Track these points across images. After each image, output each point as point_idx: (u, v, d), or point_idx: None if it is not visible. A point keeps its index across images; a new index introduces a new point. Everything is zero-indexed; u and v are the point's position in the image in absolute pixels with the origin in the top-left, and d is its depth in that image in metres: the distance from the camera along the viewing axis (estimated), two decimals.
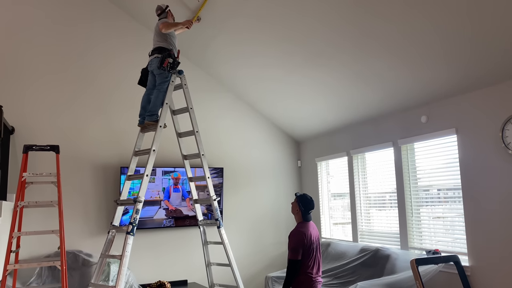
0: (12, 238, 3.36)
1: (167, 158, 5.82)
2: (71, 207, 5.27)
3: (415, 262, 3.68)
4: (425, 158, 4.58)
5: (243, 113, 6.48)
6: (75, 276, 4.91)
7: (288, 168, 6.74)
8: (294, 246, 3.53)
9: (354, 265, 4.81)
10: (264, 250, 6.29)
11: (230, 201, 6.18)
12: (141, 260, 5.54)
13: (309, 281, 3.51)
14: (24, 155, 3.69)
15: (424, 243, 4.53)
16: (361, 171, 5.56)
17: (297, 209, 3.71)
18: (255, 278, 6.06)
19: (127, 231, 3.91)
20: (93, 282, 4.00)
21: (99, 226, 5.37)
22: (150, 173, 4.13)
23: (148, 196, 5.59)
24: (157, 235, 5.70)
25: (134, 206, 3.99)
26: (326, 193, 6.32)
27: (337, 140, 5.97)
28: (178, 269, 5.73)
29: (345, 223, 5.92)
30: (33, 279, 4.77)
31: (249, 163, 6.44)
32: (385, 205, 5.17)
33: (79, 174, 5.39)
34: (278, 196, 6.54)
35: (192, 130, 4.87)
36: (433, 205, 4.51)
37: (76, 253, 5.12)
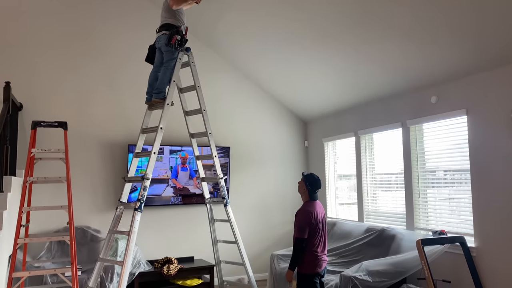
0: (21, 213, 3.41)
1: (175, 136, 5.83)
2: (79, 184, 5.32)
3: (421, 242, 3.69)
4: (433, 139, 4.54)
5: (251, 92, 6.44)
6: (84, 251, 5.00)
7: (295, 148, 6.73)
8: (301, 224, 3.55)
9: (360, 244, 4.84)
10: (270, 228, 6.34)
11: (237, 180, 6.21)
12: (149, 236, 5.62)
13: (315, 259, 3.55)
14: (32, 131, 3.70)
15: (430, 224, 4.53)
16: (369, 151, 5.53)
17: (304, 188, 3.72)
18: (261, 255, 6.13)
19: (135, 208, 3.94)
20: (101, 257, 4.07)
21: (107, 202, 5.42)
22: (157, 151, 4.14)
23: (156, 174, 5.62)
24: (164, 212, 5.76)
25: (141, 183, 4.02)
26: (333, 174, 6.32)
27: (344, 121, 5.93)
28: (185, 246, 5.80)
29: (351, 204, 5.94)
30: (43, 253, 4.86)
31: (256, 142, 6.43)
32: (392, 186, 5.16)
33: (87, 151, 5.42)
34: (284, 175, 6.55)
35: (200, 109, 4.85)
36: (440, 186, 4.50)
37: (85, 229, 5.20)
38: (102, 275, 4.70)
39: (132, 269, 4.91)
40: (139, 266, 5.00)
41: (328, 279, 4.29)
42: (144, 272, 5.01)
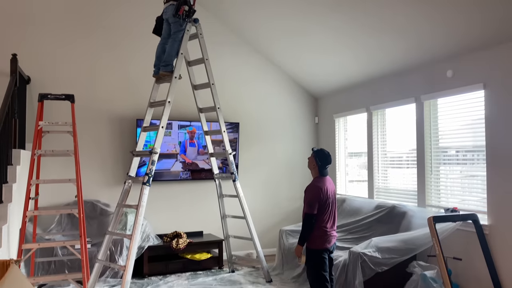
0: (30, 185, 3.41)
1: (183, 111, 5.76)
2: (88, 158, 5.32)
3: (433, 219, 3.63)
4: (448, 114, 4.40)
5: (261, 67, 6.31)
6: (93, 225, 5.03)
7: (305, 124, 6.64)
8: (310, 200, 3.50)
9: (369, 221, 4.79)
10: (279, 204, 6.32)
11: (246, 156, 6.16)
12: (158, 211, 5.63)
13: (324, 235, 3.51)
14: (39, 103, 3.67)
15: (442, 201, 4.45)
16: (380, 128, 5.42)
17: (314, 164, 3.65)
18: (270, 231, 6.14)
19: (143, 182, 3.94)
20: (110, 230, 4.09)
21: (116, 177, 5.43)
22: (165, 125, 4.10)
23: (165, 149, 5.59)
24: (173, 187, 5.76)
25: (149, 158, 4.00)
26: (343, 150, 6.23)
27: (356, 96, 5.80)
28: (194, 221, 5.82)
29: (361, 181, 5.86)
30: (53, 226, 4.91)
31: (265, 118, 6.35)
32: (403, 163, 5.07)
33: (96, 126, 5.40)
34: (294, 152, 6.48)
35: (208, 83, 4.78)
36: (452, 164, 4.40)
37: (94, 203, 5.22)
38: (112, 248, 4.74)
39: (142, 243, 4.94)
40: (148, 240, 5.03)
41: (337, 255, 4.27)
42: (154, 246, 5.04)
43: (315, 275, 3.51)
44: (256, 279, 4.90)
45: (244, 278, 4.95)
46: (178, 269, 5.16)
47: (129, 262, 3.65)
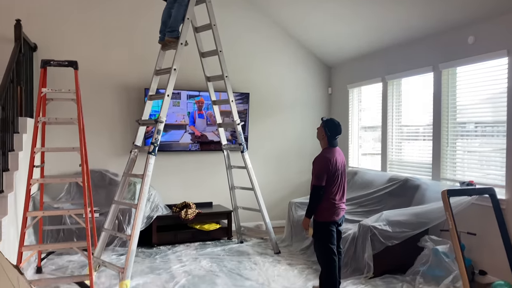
0: (34, 153, 3.36)
1: (192, 81, 5.62)
2: (97, 127, 5.28)
3: (447, 192, 3.48)
4: (468, 85, 4.17)
5: (272, 34, 6.09)
6: (102, 194, 5.03)
7: (317, 95, 6.44)
8: (318, 172, 3.38)
9: (381, 194, 4.66)
10: (288, 177, 6.22)
11: (256, 127, 6.03)
12: (167, 181, 5.60)
13: (332, 208, 3.40)
14: (42, 70, 3.58)
15: (457, 175, 4.28)
16: (396, 99, 5.20)
17: (323, 134, 3.51)
18: (279, 203, 6.07)
19: (148, 151, 3.86)
20: (116, 200, 4.06)
21: (124, 146, 5.38)
22: (171, 93, 3.98)
23: (173, 120, 5.50)
24: (183, 158, 5.70)
25: (155, 127, 3.91)
26: (356, 122, 6.04)
27: (371, 65, 5.56)
28: (203, 192, 5.78)
29: (375, 154, 5.70)
30: (62, 195, 4.92)
31: (276, 88, 6.17)
32: (418, 136, 4.88)
33: (104, 95, 5.32)
34: (305, 124, 6.32)
35: (216, 50, 4.62)
36: (470, 137, 4.20)
37: (103, 172, 5.21)
38: (120, 217, 4.74)
39: (150, 213, 4.93)
40: (157, 210, 5.01)
41: (346, 228, 4.18)
42: (162, 216, 5.03)
43: (322, 247, 3.42)
44: (264, 250, 4.86)
45: (252, 249, 4.92)
46: (186, 239, 5.16)
47: (134, 231, 3.62)
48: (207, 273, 4.10)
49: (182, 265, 4.33)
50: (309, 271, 4.14)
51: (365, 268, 3.89)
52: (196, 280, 3.90)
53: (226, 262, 4.42)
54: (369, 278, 3.85)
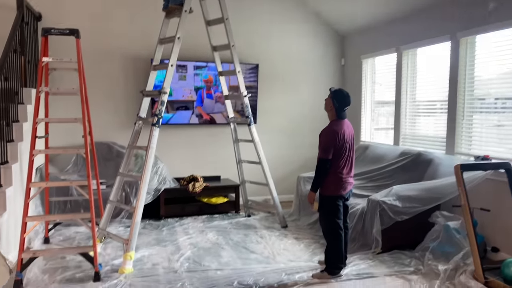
0: (36, 124, 3.31)
1: (198, 52, 5.46)
2: (103, 99, 5.22)
3: (460, 167, 3.33)
4: (487, 56, 3.93)
5: (282, 1, 5.85)
6: (109, 166, 5.01)
7: (330, 66, 6.23)
8: (325, 145, 3.27)
9: (392, 168, 4.52)
10: (298, 151, 6.10)
11: (265, 100, 5.89)
12: (175, 155, 5.55)
13: (339, 182, 3.30)
14: (43, 38, 3.49)
15: (472, 149, 4.11)
16: (410, 70, 4.98)
17: (331, 106, 3.37)
18: (287, 178, 5.97)
19: (152, 123, 3.79)
20: (121, 172, 4.02)
21: (132, 119, 5.29)
22: (175, 63, 3.87)
23: (180, 95, 5.39)
24: (190, 131, 5.62)
25: (159, 98, 3.82)
26: (370, 95, 5.84)
27: (386, 34, 5.32)
28: (211, 165, 5.72)
29: (388, 128, 5.52)
30: (70, 167, 4.92)
31: (286, 60, 5.98)
32: (433, 109, 4.68)
33: (110, 66, 5.24)
34: (316, 97, 6.13)
35: (222, 17, 4.46)
36: (490, 112, 4.00)
37: (111, 145, 5.18)
38: (127, 189, 4.73)
39: (158, 186, 4.91)
40: (164, 182, 4.99)
41: (354, 203, 4.08)
42: (170, 189, 5.01)
43: (328, 222, 3.35)
44: (271, 224, 4.81)
45: (259, 222, 4.87)
46: (194, 212, 5.14)
47: (138, 203, 3.59)
48: (213, 245, 4.08)
49: (188, 237, 4.32)
50: (316, 245, 4.08)
51: (373, 243, 3.80)
52: (201, 252, 3.88)
53: (233, 235, 4.39)
54: (377, 253, 3.77)
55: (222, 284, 3.18)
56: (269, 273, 3.38)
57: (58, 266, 3.48)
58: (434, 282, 3.17)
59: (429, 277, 3.28)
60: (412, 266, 3.50)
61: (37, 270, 3.36)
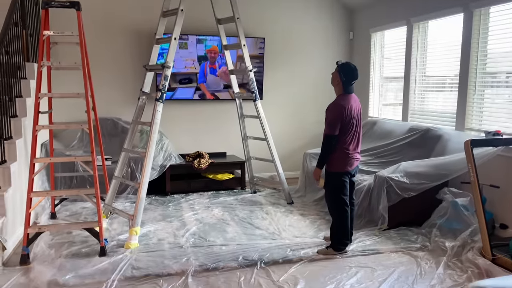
0: (38, 99, 3.27)
1: (200, 25, 5.33)
2: (107, 74, 5.16)
3: (470, 143, 3.25)
4: (502, 28, 3.78)
5: None
6: (115, 142, 4.99)
7: (338, 40, 6.08)
8: (332, 120, 3.19)
9: (400, 144, 4.45)
10: (305, 127, 6.03)
11: (272, 75, 5.78)
12: (180, 131, 5.51)
13: (345, 158, 3.24)
14: (43, 11, 3.41)
15: (483, 125, 4.01)
16: (421, 44, 4.83)
17: (338, 80, 3.27)
18: (294, 154, 5.93)
19: (156, 98, 3.73)
20: (126, 148, 4.00)
21: (137, 94, 5.22)
22: (178, 36, 3.78)
23: (182, 66, 5.28)
24: (195, 107, 5.56)
25: (162, 72, 3.75)
26: (378, 70, 5.71)
27: (396, 6, 5.15)
28: (217, 142, 5.68)
29: (396, 104, 5.41)
30: (75, 143, 4.91)
31: (294, 33, 5.84)
32: (444, 84, 4.56)
33: (112, 40, 5.15)
34: (324, 72, 6.01)
35: None
36: (501, 88, 3.87)
37: (115, 120, 5.15)
38: (132, 166, 4.72)
39: (163, 162, 4.89)
40: (170, 158, 4.97)
41: (361, 179, 4.04)
42: (176, 165, 4.99)
43: (334, 198, 3.31)
44: (277, 200, 4.80)
45: (265, 199, 4.86)
46: (200, 188, 5.14)
47: (143, 179, 3.57)
48: (218, 221, 4.08)
49: (194, 213, 4.32)
50: (321, 221, 4.06)
51: (380, 219, 3.77)
52: (206, 228, 3.89)
53: (238, 211, 4.39)
54: (383, 230, 3.74)
55: (227, 259, 3.18)
56: (274, 249, 3.37)
57: (64, 241, 3.51)
58: (441, 258, 3.14)
59: (436, 253, 3.26)
60: (419, 243, 3.47)
61: (44, 244, 3.39)
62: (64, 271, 2.98)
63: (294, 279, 2.88)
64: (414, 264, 3.09)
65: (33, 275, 2.92)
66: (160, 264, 3.10)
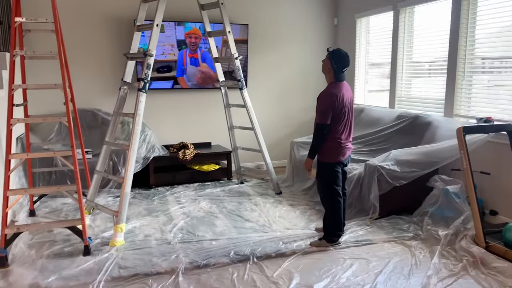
0: (12, 90, 3.06)
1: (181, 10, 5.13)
2: (86, 65, 4.92)
3: (463, 130, 3.21)
4: (491, 11, 3.73)
5: None
6: (95, 135, 4.79)
7: (322, 26, 5.96)
8: (323, 109, 3.10)
9: (389, 132, 4.40)
10: (291, 115, 5.93)
11: (256, 62, 5.64)
12: (163, 121, 5.34)
13: (338, 147, 3.16)
14: None
15: (472, 111, 3.98)
16: (408, 29, 4.76)
17: (329, 67, 3.18)
18: (281, 143, 5.84)
19: (138, 88, 3.56)
20: (107, 141, 3.82)
21: (117, 84, 5.04)
22: (160, 22, 3.59)
23: (160, 52, 5.02)
24: (179, 97, 5.38)
25: (144, 61, 3.57)
26: (364, 56, 5.63)
27: None
28: (201, 132, 5.53)
29: (383, 90, 5.35)
30: (52, 136, 4.69)
31: (278, 19, 5.69)
32: (431, 70, 4.51)
33: (90, 27, 4.91)
34: (309, 59, 5.91)
35: None
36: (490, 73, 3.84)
37: (95, 112, 4.94)
38: (114, 159, 4.54)
39: (147, 154, 4.73)
40: (153, 150, 4.80)
41: (351, 168, 3.97)
42: (159, 157, 4.83)
43: (326, 189, 3.23)
44: (265, 190, 4.71)
45: (252, 189, 4.76)
46: (185, 180, 5.00)
47: (127, 173, 3.42)
48: (206, 214, 3.96)
49: (180, 206, 4.19)
50: (312, 212, 3.99)
51: (371, 209, 3.73)
52: (194, 221, 3.77)
53: (226, 203, 4.28)
54: (374, 219, 3.70)
55: (218, 255, 3.08)
56: (266, 242, 3.28)
57: (45, 240, 3.34)
58: (435, 247, 3.11)
59: (429, 242, 3.23)
60: (411, 232, 3.44)
61: (23, 245, 3.22)
62: (46, 273, 2.82)
63: (288, 273, 2.80)
64: (408, 254, 3.06)
65: (13, 278, 2.75)
66: (148, 262, 2.98)
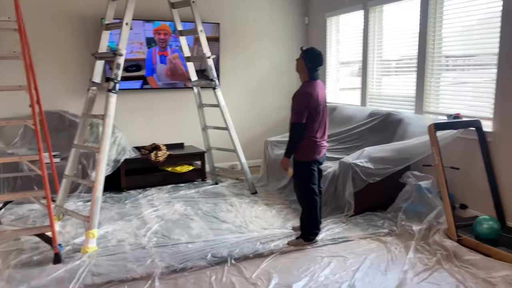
0: None
1: (151, 11, 5.03)
2: (51, 64, 4.74)
3: (434, 126, 3.28)
4: (456, 11, 3.83)
5: None
6: (62, 137, 4.62)
7: (293, 25, 5.97)
8: (299, 108, 3.09)
9: (362, 130, 4.45)
10: (264, 114, 5.92)
11: (228, 62, 5.59)
12: (134, 122, 5.21)
13: (313, 146, 3.17)
14: None
15: (440, 108, 4.08)
16: (378, 28, 4.83)
17: (303, 66, 3.18)
18: (254, 142, 5.81)
19: (108, 89, 3.45)
20: (76, 143, 3.69)
21: (84, 85, 4.87)
22: (130, 21, 3.50)
23: (128, 50, 4.85)
24: (150, 97, 5.27)
25: (114, 61, 3.46)
26: (335, 54, 5.68)
27: None
28: (173, 133, 5.44)
29: (354, 88, 5.41)
30: (17, 140, 4.49)
31: (249, 18, 5.66)
32: (402, 68, 4.59)
33: (56, 26, 4.73)
34: (281, 57, 5.91)
35: None
36: (457, 71, 3.95)
37: (62, 114, 4.77)
38: (84, 162, 4.39)
39: (117, 156, 4.60)
40: (124, 153, 4.67)
41: (326, 166, 3.99)
42: (131, 159, 4.71)
43: (303, 188, 3.23)
44: (240, 190, 4.67)
45: (228, 190, 4.72)
46: (158, 182, 4.90)
47: (98, 177, 3.30)
48: (181, 217, 3.89)
49: (154, 209, 4.10)
50: (288, 211, 3.99)
51: (346, 206, 3.76)
52: (169, 224, 3.69)
53: (201, 204, 4.22)
54: (349, 216, 3.73)
55: (195, 258, 3.02)
56: (243, 243, 3.25)
57: (12, 249, 3.18)
58: (410, 242, 3.16)
59: (404, 237, 3.28)
60: (386, 228, 3.49)
61: None
62: (14, 283, 2.69)
63: (267, 274, 2.78)
64: (384, 250, 3.10)
65: None
66: (123, 268, 2.89)
